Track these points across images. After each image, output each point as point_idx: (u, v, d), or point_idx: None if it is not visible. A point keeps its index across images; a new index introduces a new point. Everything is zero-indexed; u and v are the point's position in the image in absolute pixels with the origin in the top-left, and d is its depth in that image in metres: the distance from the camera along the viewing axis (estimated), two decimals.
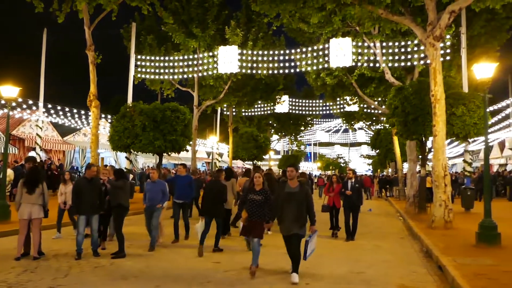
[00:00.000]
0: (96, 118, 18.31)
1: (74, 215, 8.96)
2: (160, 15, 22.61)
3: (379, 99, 24.70)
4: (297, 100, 38.80)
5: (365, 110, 30.05)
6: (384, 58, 19.15)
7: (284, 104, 37.14)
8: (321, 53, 20.83)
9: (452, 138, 17.25)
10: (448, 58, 18.47)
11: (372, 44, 19.45)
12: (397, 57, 19.10)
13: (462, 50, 17.76)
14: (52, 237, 10.09)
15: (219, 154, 41.87)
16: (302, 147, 58.17)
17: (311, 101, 38.60)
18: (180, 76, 24.00)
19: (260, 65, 22.45)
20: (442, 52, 16.80)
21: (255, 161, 33.38)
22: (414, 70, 19.75)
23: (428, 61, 13.08)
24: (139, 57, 23.29)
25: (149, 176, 9.82)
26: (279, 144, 58.51)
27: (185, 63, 23.40)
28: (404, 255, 9.26)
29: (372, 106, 25.71)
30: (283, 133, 47.11)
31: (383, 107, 22.08)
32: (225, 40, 23.48)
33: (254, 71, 22.71)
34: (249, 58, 22.51)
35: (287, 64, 22.31)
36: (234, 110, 33.36)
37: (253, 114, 37.90)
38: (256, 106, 35.26)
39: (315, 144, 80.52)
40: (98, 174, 9.28)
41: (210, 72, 23.22)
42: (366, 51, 19.83)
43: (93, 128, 18.32)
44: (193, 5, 23.67)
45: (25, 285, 6.38)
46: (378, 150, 31.43)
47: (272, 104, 35.34)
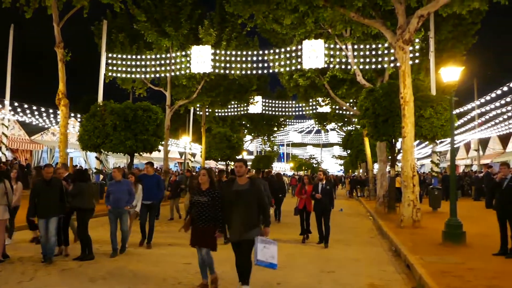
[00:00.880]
0: (65, 117, 17.92)
1: (32, 218, 8.33)
2: (133, 13, 22.34)
3: (351, 101, 25.04)
4: (270, 101, 38.91)
5: (337, 112, 30.39)
6: (356, 61, 19.44)
7: (258, 105, 37.17)
8: (294, 55, 20.97)
9: (421, 140, 17.66)
10: (417, 62, 18.91)
11: (344, 47, 19.72)
12: (368, 60, 19.42)
13: (430, 54, 18.22)
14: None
15: (192, 155, 41.61)
16: (275, 148, 58.41)
17: (284, 102, 38.79)
18: (153, 75, 23.69)
19: (234, 66, 22.40)
20: (411, 56, 17.22)
21: (228, 161, 33.33)
22: (385, 73, 20.12)
23: (398, 64, 13.36)
24: (111, 56, 22.88)
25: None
26: (252, 145, 58.59)
27: (158, 62, 23.10)
28: (374, 254, 9.44)
29: (344, 108, 26.06)
30: (256, 134, 47.17)
31: (355, 109, 22.42)
32: (199, 40, 23.33)
33: (228, 71, 22.64)
34: (223, 58, 22.42)
35: (261, 65, 22.33)
36: (207, 110, 33.18)
37: (227, 115, 37.80)
38: (230, 107, 35.18)
39: (288, 145, 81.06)
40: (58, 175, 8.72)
41: (183, 72, 23.01)
42: (338, 53, 20.08)
43: (62, 127, 17.92)
44: (166, 4, 23.42)
45: None
46: (350, 151, 31.92)
47: (246, 105, 35.33)
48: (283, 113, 40.06)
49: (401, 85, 12.84)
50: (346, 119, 34.59)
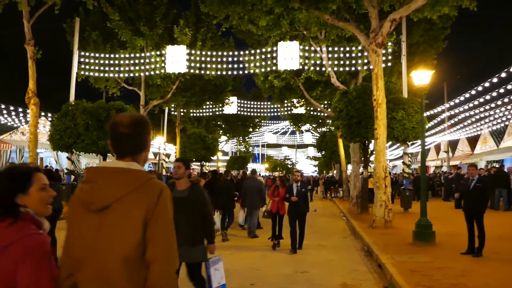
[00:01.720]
0: (35, 116, 17.46)
1: None
2: (106, 11, 21.98)
3: (325, 102, 25.33)
4: (246, 102, 38.97)
5: (312, 113, 30.70)
6: (330, 63, 19.68)
7: (233, 105, 37.16)
8: (269, 56, 21.07)
9: (393, 141, 18.01)
10: (390, 65, 19.29)
11: (319, 49, 19.93)
12: (342, 62, 19.70)
13: (402, 57, 18.62)
14: None
15: (166, 155, 41.20)
16: (250, 149, 58.48)
17: (259, 103, 38.90)
18: (126, 75, 23.40)
19: (209, 66, 22.34)
20: (384, 59, 17.53)
21: (203, 162, 33.17)
22: (358, 75, 20.44)
23: (371, 67, 13.58)
24: (83, 54, 22.46)
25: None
26: (227, 145, 58.48)
27: (132, 62, 22.83)
28: (347, 254, 9.57)
29: (318, 109, 26.33)
30: (232, 134, 47.14)
31: (329, 110, 22.68)
32: (174, 40, 23.16)
33: (203, 72, 22.57)
34: (198, 59, 22.33)
35: (236, 66, 22.36)
36: (182, 111, 32.98)
37: (202, 115, 37.64)
38: (205, 107, 35.06)
39: (263, 146, 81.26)
40: None
41: (158, 72, 22.81)
42: (313, 55, 20.29)
43: (32, 127, 17.46)
44: (141, 2, 23.18)
45: None
46: (324, 152, 32.20)
47: (221, 105, 35.28)
48: (258, 114, 40.18)
49: (374, 88, 13.04)
50: (321, 121, 34.95)
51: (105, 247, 1.87)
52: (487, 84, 19.55)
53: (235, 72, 22.96)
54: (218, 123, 43.20)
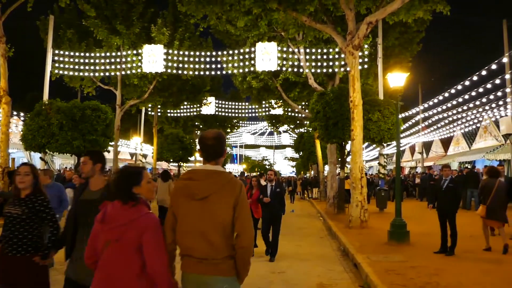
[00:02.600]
0: (7, 116, 17.03)
1: None
2: (81, 9, 21.56)
3: (303, 104, 25.48)
4: (224, 102, 38.89)
5: (289, 114, 30.83)
6: (308, 64, 19.81)
7: (211, 106, 37.03)
8: (248, 56, 21.07)
9: (369, 142, 18.25)
10: (366, 67, 19.57)
11: (297, 50, 20.04)
12: (320, 64, 19.85)
13: (378, 60, 18.90)
14: None
15: (143, 156, 40.76)
16: (228, 149, 58.38)
17: (238, 104, 38.88)
18: (102, 74, 23.01)
19: (187, 66, 22.18)
20: (361, 61, 17.76)
21: (181, 163, 32.94)
22: (335, 77, 20.64)
23: (348, 69, 13.73)
24: (58, 52, 21.99)
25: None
26: None
27: (108, 60, 22.45)
28: (323, 254, 9.64)
29: (296, 110, 26.47)
30: None
31: (306, 111, 22.83)
32: (151, 39, 22.89)
33: (181, 72, 22.38)
34: (175, 58, 22.14)
35: (214, 66, 22.25)
36: (159, 111, 32.67)
37: (179, 115, 37.38)
38: (182, 107, 34.81)
39: (241, 146, 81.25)
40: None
41: (134, 71, 22.51)
42: (291, 57, 20.39)
43: (3, 126, 17.01)
44: (117, 1, 22.84)
45: None
46: (302, 153, 32.42)
47: (199, 106, 35.09)
48: (236, 115, 40.15)
49: (351, 89, 13.19)
50: (298, 122, 35.13)
51: (208, 223, 2.80)
52: (460, 87, 20.03)
53: (213, 73, 22.83)
54: (196, 124, 42.97)
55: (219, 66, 22.14)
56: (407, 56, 21.39)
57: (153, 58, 21.86)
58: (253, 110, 36.83)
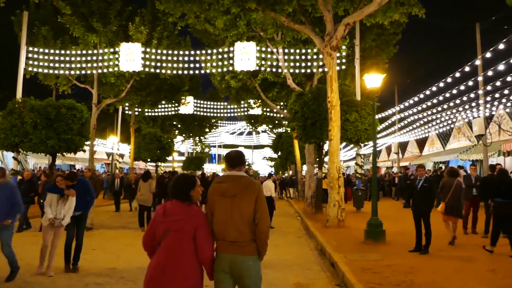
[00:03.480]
0: None
1: None
2: (57, 5, 21.12)
3: (281, 104, 25.60)
4: (202, 102, 38.71)
5: (268, 114, 30.93)
6: (286, 64, 19.91)
7: (189, 105, 36.80)
8: (226, 56, 21.00)
9: (346, 142, 18.45)
10: (344, 68, 19.76)
11: (275, 50, 20.11)
12: (298, 64, 19.96)
13: (356, 61, 19.12)
14: None
15: (120, 155, 40.19)
16: (207, 149, 58.10)
17: (216, 103, 38.76)
18: (78, 72, 22.56)
19: (165, 65, 21.95)
20: (338, 62, 17.94)
21: (158, 163, 32.62)
22: (314, 77, 20.79)
23: (326, 69, 13.84)
24: (32, 49, 21.46)
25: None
26: (183, 146, 57.84)
27: (84, 58, 21.99)
28: (301, 254, 9.69)
29: (275, 110, 26.56)
30: (188, 135, 46.66)
31: (285, 111, 22.93)
32: (129, 37, 22.58)
33: (159, 71, 22.15)
34: (153, 57, 21.87)
35: (193, 65, 22.06)
36: (137, 110, 32.27)
37: (157, 115, 37.01)
38: (160, 107, 34.48)
39: (220, 146, 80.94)
40: None
41: (111, 69, 22.16)
42: (270, 57, 20.44)
43: None
44: None
45: None
46: (280, 153, 32.54)
47: (177, 105, 34.83)
48: (215, 114, 40.02)
49: (329, 90, 13.30)
50: (277, 122, 35.29)
51: (237, 214, 3.66)
52: (435, 89, 20.42)
53: (192, 72, 22.63)
54: (174, 123, 42.64)
55: (198, 66, 21.98)
56: (384, 58, 21.73)
57: (131, 57, 21.55)
58: (232, 110, 36.78)
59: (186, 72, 22.71)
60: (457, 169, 10.85)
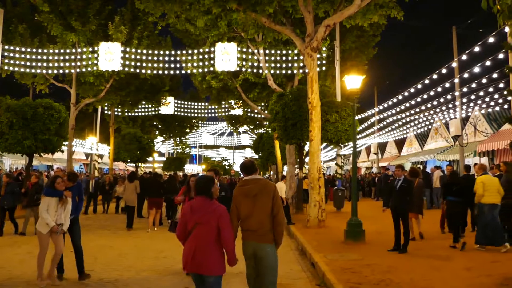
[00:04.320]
0: None
1: None
2: (34, 3, 20.70)
3: (262, 104, 25.63)
4: (183, 102, 38.49)
5: (249, 114, 30.94)
6: (267, 65, 19.95)
7: (170, 106, 36.55)
8: (207, 56, 20.94)
9: (326, 143, 18.58)
10: (324, 69, 19.93)
11: (256, 51, 20.14)
12: (279, 65, 20.04)
13: (336, 62, 19.30)
14: None
15: (99, 156, 39.63)
16: (187, 150, 57.78)
17: (197, 104, 38.59)
18: (56, 71, 22.16)
19: (145, 65, 21.75)
20: (319, 63, 18.09)
21: (139, 163, 32.30)
22: (294, 78, 20.89)
23: (306, 70, 13.92)
24: (8, 47, 20.98)
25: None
26: (164, 146, 57.41)
27: (62, 57, 21.64)
28: (282, 254, 9.59)
29: (256, 111, 26.59)
30: (168, 135, 46.33)
31: (266, 112, 22.97)
32: (108, 37, 22.29)
33: (139, 71, 21.93)
34: (133, 57, 21.64)
35: (173, 65, 21.92)
36: (117, 110, 31.88)
37: (137, 115, 36.65)
38: (140, 107, 34.19)
39: (201, 147, 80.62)
40: None
41: (90, 69, 21.82)
42: (251, 57, 20.47)
43: None
44: None
45: None
46: (261, 153, 32.56)
47: (157, 105, 34.54)
48: (196, 115, 39.85)
49: (309, 91, 13.37)
50: (258, 122, 35.33)
51: (259, 211, 4.63)
52: (413, 90, 20.76)
53: (172, 72, 22.47)
54: (154, 123, 42.30)
55: (179, 66, 21.86)
56: (364, 59, 22.00)
57: (110, 56, 21.27)
58: (213, 110, 36.67)
59: (167, 72, 22.54)
60: (418, 170, 11.97)
